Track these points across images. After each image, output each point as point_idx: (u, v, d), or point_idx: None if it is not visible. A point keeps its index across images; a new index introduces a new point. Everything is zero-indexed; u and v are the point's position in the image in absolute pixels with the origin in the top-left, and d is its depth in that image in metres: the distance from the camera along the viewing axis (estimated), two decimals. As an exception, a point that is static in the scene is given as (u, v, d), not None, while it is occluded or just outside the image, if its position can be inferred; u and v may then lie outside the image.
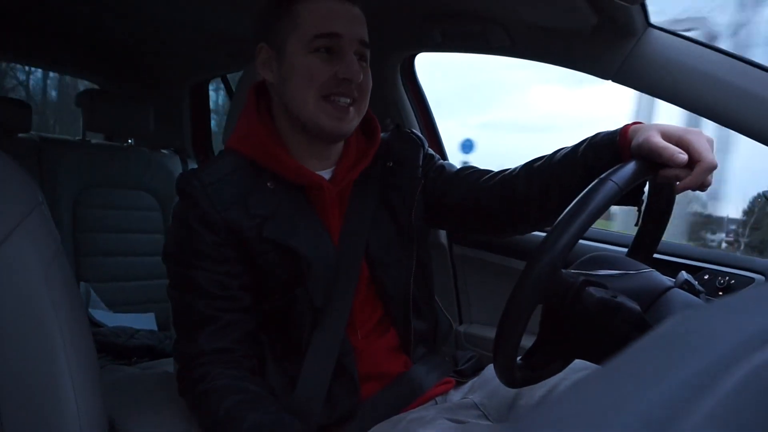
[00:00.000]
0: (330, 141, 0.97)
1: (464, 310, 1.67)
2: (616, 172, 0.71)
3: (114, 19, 1.91)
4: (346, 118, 0.92)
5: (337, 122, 0.92)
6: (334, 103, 0.91)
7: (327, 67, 0.90)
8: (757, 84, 1.00)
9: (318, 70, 0.90)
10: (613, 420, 0.19)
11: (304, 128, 0.94)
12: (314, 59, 0.90)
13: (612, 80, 1.16)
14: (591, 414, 0.19)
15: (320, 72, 0.90)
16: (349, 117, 0.93)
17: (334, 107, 0.91)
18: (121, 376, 1.30)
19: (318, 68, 0.90)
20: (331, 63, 0.90)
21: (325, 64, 0.90)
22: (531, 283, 0.66)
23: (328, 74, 0.90)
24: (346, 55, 0.90)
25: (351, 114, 0.93)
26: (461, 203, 1.03)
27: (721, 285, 1.13)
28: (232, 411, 0.85)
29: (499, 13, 1.22)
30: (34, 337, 0.81)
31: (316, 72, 0.90)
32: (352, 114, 0.93)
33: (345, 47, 0.91)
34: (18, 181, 0.86)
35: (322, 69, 0.90)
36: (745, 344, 0.21)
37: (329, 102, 0.91)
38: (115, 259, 2.13)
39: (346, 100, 0.92)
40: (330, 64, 0.90)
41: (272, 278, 0.93)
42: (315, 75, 0.90)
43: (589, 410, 0.20)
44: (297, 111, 0.93)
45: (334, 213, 0.98)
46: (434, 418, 0.93)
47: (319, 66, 0.90)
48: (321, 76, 0.90)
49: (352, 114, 0.93)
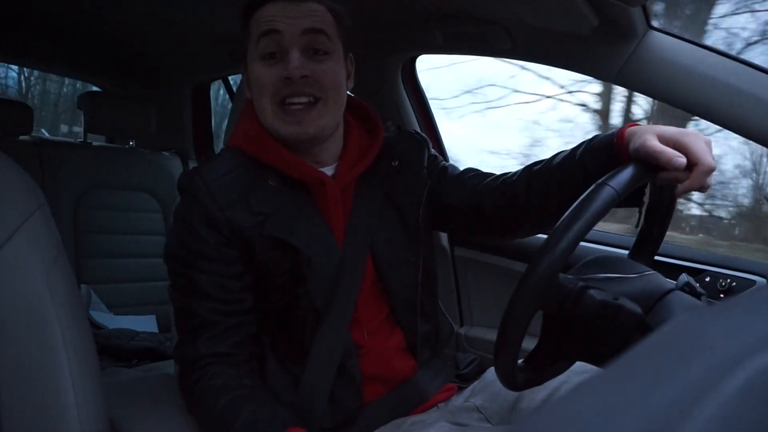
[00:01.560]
0: (304, 145, 0.95)
1: (465, 313, 1.67)
2: (614, 177, 0.70)
3: (115, 21, 1.91)
4: (305, 120, 0.91)
5: (296, 127, 0.91)
6: (288, 108, 0.90)
7: (272, 70, 0.90)
8: (757, 86, 1.00)
9: (265, 76, 0.90)
10: (614, 423, 0.19)
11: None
12: (262, 67, 0.90)
13: (613, 82, 1.16)
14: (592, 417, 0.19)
15: (266, 77, 0.89)
16: (310, 118, 0.91)
17: (288, 113, 0.90)
18: (121, 377, 1.30)
19: (264, 74, 0.90)
20: (276, 67, 0.90)
21: (271, 69, 0.90)
22: (529, 291, 0.66)
23: (274, 78, 0.89)
24: (287, 53, 0.89)
25: (313, 114, 0.91)
26: (463, 205, 1.03)
27: (723, 287, 1.13)
28: (228, 408, 0.85)
29: (500, 16, 1.22)
30: (35, 339, 0.81)
31: (263, 78, 0.90)
32: (315, 113, 0.91)
33: (287, 44, 0.89)
34: (19, 183, 0.87)
35: (268, 74, 0.89)
36: (746, 347, 0.21)
37: (283, 108, 0.90)
38: (117, 260, 2.13)
39: (301, 100, 0.90)
40: (275, 68, 0.90)
41: (274, 277, 0.93)
42: (263, 81, 0.90)
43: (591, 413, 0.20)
44: (263, 123, 0.93)
45: (338, 211, 0.97)
46: (435, 421, 0.93)
47: (264, 71, 0.90)
48: (268, 81, 0.89)
49: (316, 113, 0.91)
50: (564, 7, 1.06)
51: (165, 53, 2.19)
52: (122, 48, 2.20)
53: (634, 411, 0.19)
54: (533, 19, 1.18)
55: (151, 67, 2.37)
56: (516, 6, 1.16)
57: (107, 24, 1.96)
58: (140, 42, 2.11)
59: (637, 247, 0.89)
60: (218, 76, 2.47)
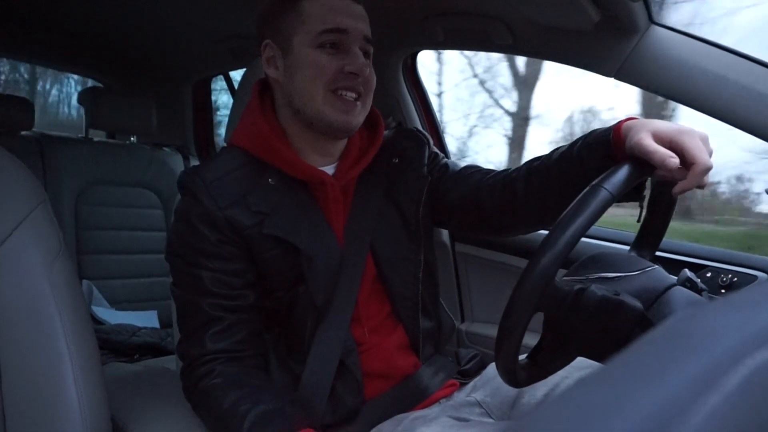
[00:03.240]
0: (336, 136, 0.97)
1: (466, 308, 1.67)
2: (608, 179, 0.70)
3: (116, 17, 1.91)
4: (353, 112, 0.93)
5: (344, 116, 0.92)
6: (341, 97, 0.92)
7: (334, 61, 0.91)
8: (759, 81, 1.00)
9: (325, 64, 0.91)
10: (615, 418, 0.19)
11: (311, 124, 0.94)
12: (321, 54, 0.91)
13: (614, 78, 1.16)
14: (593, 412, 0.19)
15: (327, 66, 0.91)
16: (356, 111, 0.93)
17: (342, 101, 0.92)
18: (123, 373, 1.31)
19: (325, 62, 0.91)
20: (337, 57, 0.91)
21: (332, 58, 0.91)
22: (526, 294, 0.66)
23: (335, 68, 0.91)
24: (351, 50, 0.92)
25: (357, 109, 0.94)
26: (463, 202, 1.03)
27: (724, 283, 1.13)
28: (234, 406, 0.85)
29: (501, 11, 1.22)
30: (37, 334, 0.81)
31: (324, 66, 0.91)
32: (358, 109, 0.94)
33: (350, 42, 0.92)
34: (21, 178, 0.87)
35: (329, 63, 0.91)
36: (748, 342, 0.21)
37: (336, 96, 0.92)
38: (118, 256, 2.13)
39: (353, 95, 0.92)
40: (336, 59, 0.91)
41: (274, 276, 0.93)
42: (322, 69, 0.91)
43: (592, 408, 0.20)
44: (303, 106, 0.93)
45: (338, 209, 0.97)
46: (437, 416, 0.93)
47: (326, 60, 0.91)
48: (328, 70, 0.91)
49: (359, 109, 0.94)
50: (565, 2, 1.06)
51: (166, 49, 2.19)
52: (123, 43, 2.19)
53: (636, 406, 0.19)
54: (534, 14, 1.17)
55: (152, 62, 2.37)
56: (517, 1, 1.15)
57: (108, 19, 1.95)
58: (141, 38, 2.11)
59: (639, 240, 0.89)
60: (219, 71, 2.47)
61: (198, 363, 0.91)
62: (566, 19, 1.13)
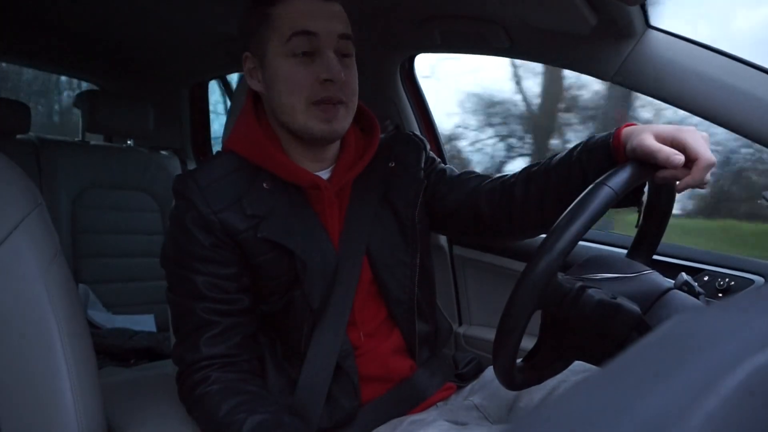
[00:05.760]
0: (324, 144, 0.96)
1: (464, 312, 1.67)
2: (612, 177, 0.71)
3: (113, 20, 1.91)
4: (336, 118, 0.91)
5: (328, 125, 0.91)
6: (322, 107, 0.90)
7: (308, 71, 0.89)
8: (756, 85, 1.00)
9: (300, 77, 0.89)
10: (612, 422, 0.19)
11: (297, 135, 0.94)
12: (294, 65, 0.89)
13: (611, 81, 1.16)
14: (590, 416, 0.19)
15: (302, 79, 0.89)
16: (339, 117, 0.92)
17: (323, 110, 0.90)
18: (119, 377, 1.30)
19: (299, 75, 0.89)
20: (310, 67, 0.89)
21: (305, 68, 0.89)
22: (527, 291, 0.66)
23: (311, 79, 0.89)
24: (324, 54, 0.89)
25: (341, 113, 0.92)
26: (460, 207, 1.03)
27: (721, 286, 1.13)
28: (230, 414, 0.84)
29: (498, 15, 1.22)
30: (33, 338, 0.81)
31: (299, 79, 0.89)
32: (341, 113, 0.92)
33: (323, 46, 0.89)
34: (17, 182, 0.86)
35: (303, 75, 0.89)
36: (745, 346, 0.21)
37: (318, 107, 0.90)
38: (114, 260, 2.13)
39: (333, 101, 0.91)
40: (310, 68, 0.89)
41: (269, 280, 0.93)
42: (298, 83, 0.89)
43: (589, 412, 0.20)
44: (287, 119, 0.92)
45: (334, 213, 0.97)
46: (434, 419, 0.93)
47: (300, 72, 0.89)
48: (304, 83, 0.89)
49: (342, 113, 0.92)
50: (562, 6, 1.06)
51: (163, 52, 2.19)
52: (120, 46, 2.19)
53: (633, 410, 0.19)
54: (531, 18, 1.17)
55: (149, 65, 2.37)
56: (514, 5, 1.15)
57: (106, 23, 1.95)
58: (138, 41, 2.11)
59: (635, 246, 0.89)
60: (216, 75, 2.47)
61: (193, 369, 0.90)
62: (563, 22, 1.13)
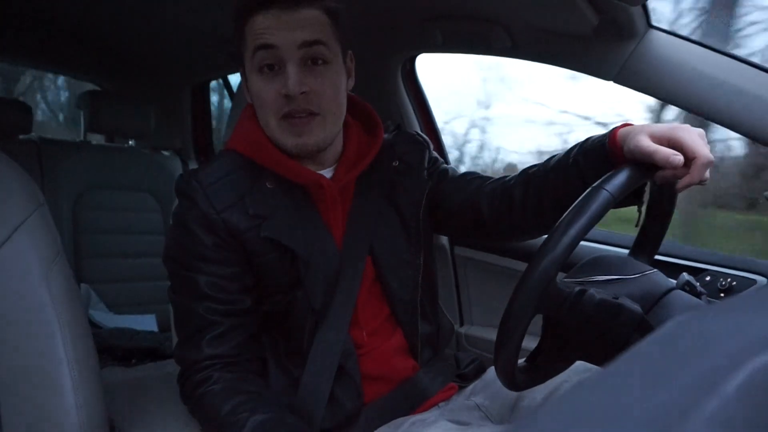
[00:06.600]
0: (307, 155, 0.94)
1: (465, 312, 1.67)
2: (610, 181, 0.70)
3: (115, 20, 1.91)
4: (307, 132, 0.90)
5: (298, 138, 0.90)
6: (290, 120, 0.89)
7: (271, 87, 0.88)
8: (757, 85, 1.00)
9: (264, 91, 0.89)
10: (614, 422, 0.19)
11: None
12: (261, 80, 0.89)
13: (613, 81, 1.16)
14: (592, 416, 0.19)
15: (266, 95, 0.89)
16: (311, 129, 0.90)
17: (293, 124, 0.89)
18: (121, 377, 1.30)
19: (264, 90, 0.89)
20: (273, 82, 0.88)
21: (268, 83, 0.88)
22: (526, 295, 0.66)
23: (273, 95, 0.88)
24: (285, 68, 0.88)
25: (312, 125, 0.90)
26: (462, 208, 1.03)
27: (723, 287, 1.13)
28: (232, 413, 0.84)
29: (500, 15, 1.22)
30: (35, 338, 0.81)
31: (263, 96, 0.89)
32: (315, 125, 0.90)
33: (284, 58, 0.87)
34: (19, 182, 0.87)
35: (267, 91, 0.88)
36: (747, 346, 0.21)
37: (287, 121, 0.89)
38: (116, 260, 2.13)
39: (301, 115, 0.89)
40: (273, 83, 0.88)
41: (272, 280, 0.93)
42: (264, 99, 0.89)
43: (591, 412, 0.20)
44: (268, 134, 0.93)
45: (337, 212, 0.97)
46: (436, 420, 0.92)
47: (264, 87, 0.89)
48: (269, 99, 0.88)
49: (316, 124, 0.90)
50: (564, 6, 1.06)
51: (164, 52, 2.19)
52: (121, 47, 2.20)
53: (635, 410, 0.19)
54: (533, 18, 1.17)
55: (150, 66, 2.37)
56: (516, 5, 1.15)
57: (106, 23, 1.96)
58: (140, 41, 2.11)
59: (637, 245, 0.89)
60: (217, 75, 2.47)
61: (195, 369, 0.90)
62: (565, 22, 1.13)
